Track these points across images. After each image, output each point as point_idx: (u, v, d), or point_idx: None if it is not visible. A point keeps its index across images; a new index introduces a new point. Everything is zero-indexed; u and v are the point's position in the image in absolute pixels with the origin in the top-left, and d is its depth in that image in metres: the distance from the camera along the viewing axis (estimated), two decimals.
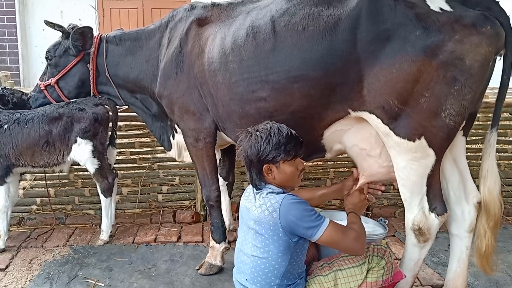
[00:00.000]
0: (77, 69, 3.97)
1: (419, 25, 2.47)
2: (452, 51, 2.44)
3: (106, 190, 4.23)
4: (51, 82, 4.00)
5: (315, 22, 2.73)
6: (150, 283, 3.53)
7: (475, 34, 2.43)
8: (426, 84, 2.50)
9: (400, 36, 2.50)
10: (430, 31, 2.45)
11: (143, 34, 3.81)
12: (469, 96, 2.51)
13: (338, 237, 2.38)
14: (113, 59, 3.89)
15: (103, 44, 3.90)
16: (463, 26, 2.43)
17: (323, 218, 2.38)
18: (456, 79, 2.46)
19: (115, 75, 3.91)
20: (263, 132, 2.47)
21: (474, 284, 3.44)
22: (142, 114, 4.11)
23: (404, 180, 2.74)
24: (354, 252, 2.49)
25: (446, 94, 2.49)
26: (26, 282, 3.56)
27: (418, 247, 2.83)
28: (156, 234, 4.47)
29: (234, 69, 3.05)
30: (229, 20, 3.25)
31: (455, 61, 2.45)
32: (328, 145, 3.08)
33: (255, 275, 2.47)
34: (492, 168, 2.74)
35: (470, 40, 2.43)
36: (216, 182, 3.67)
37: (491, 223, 2.77)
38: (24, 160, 4.01)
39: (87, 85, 4.00)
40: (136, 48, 3.81)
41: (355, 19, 2.61)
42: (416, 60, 2.47)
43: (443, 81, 2.48)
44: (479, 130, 4.80)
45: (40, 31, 9.87)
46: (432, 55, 2.45)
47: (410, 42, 2.48)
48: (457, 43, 2.43)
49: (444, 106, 2.51)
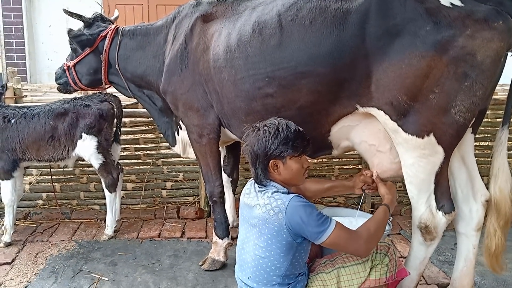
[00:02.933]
0: (91, 57, 4.01)
1: (429, 20, 2.43)
2: (463, 47, 2.39)
3: (111, 185, 4.24)
4: (70, 64, 4.07)
5: (323, 16, 2.69)
6: (154, 278, 3.53)
7: (487, 29, 2.38)
8: (436, 80, 2.46)
9: (410, 31, 2.46)
10: (440, 26, 2.41)
11: (152, 29, 3.82)
12: (480, 92, 2.46)
13: (342, 241, 2.34)
14: (124, 52, 3.90)
15: (118, 36, 3.92)
16: (475, 21, 2.39)
17: (329, 222, 2.32)
18: (467, 75, 2.42)
19: (124, 68, 3.92)
20: (271, 127, 2.43)
21: (481, 284, 3.41)
22: (149, 109, 4.12)
23: (412, 177, 2.70)
24: (357, 255, 2.47)
25: (456, 90, 2.45)
26: (31, 275, 3.58)
27: (425, 245, 2.80)
28: (160, 229, 4.47)
29: (239, 66, 3.02)
30: (234, 16, 3.22)
31: (466, 56, 2.40)
32: (335, 142, 3.05)
33: (257, 273, 2.45)
34: (503, 166, 2.70)
35: (482, 35, 2.38)
36: (220, 178, 3.66)
37: (501, 222, 2.73)
38: (30, 154, 4.04)
39: (99, 74, 4.04)
40: (146, 43, 3.82)
41: (364, 13, 2.57)
42: (426, 55, 2.43)
43: (454, 77, 2.43)
44: (488, 127, 4.76)
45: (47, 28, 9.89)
46: (442, 51, 2.41)
47: (420, 37, 2.44)
48: (468, 39, 2.39)
49: (454, 103, 2.47)
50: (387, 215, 2.55)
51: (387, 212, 2.55)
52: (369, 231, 2.40)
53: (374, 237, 2.41)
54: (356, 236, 2.36)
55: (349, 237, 2.35)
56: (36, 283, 3.46)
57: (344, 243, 2.34)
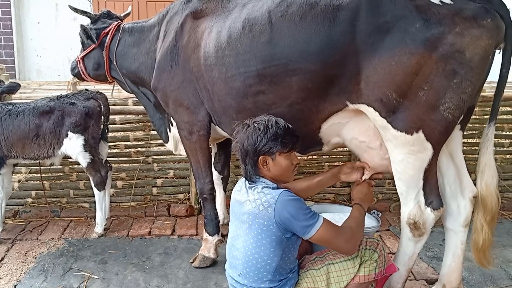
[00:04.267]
0: (95, 53, 4.08)
1: (419, 17, 2.44)
2: (452, 44, 2.41)
3: (99, 183, 4.22)
4: (79, 57, 4.17)
5: (313, 12, 2.69)
6: (144, 276, 3.53)
7: (476, 27, 2.40)
8: (425, 77, 2.47)
9: (400, 28, 2.47)
10: (430, 24, 2.42)
11: (146, 26, 3.85)
12: (468, 90, 2.48)
13: (330, 237, 2.37)
14: (122, 49, 3.94)
15: (118, 33, 3.96)
16: (464, 18, 2.40)
17: (317, 217, 2.36)
18: (455, 72, 2.44)
19: (121, 64, 3.96)
20: (261, 123, 2.46)
21: (468, 279, 3.45)
22: (145, 105, 4.14)
23: (401, 173, 2.72)
24: (344, 253, 2.49)
25: (445, 87, 2.46)
26: (21, 274, 3.56)
27: (413, 241, 2.83)
28: (150, 227, 4.46)
29: (230, 64, 3.01)
30: (224, 13, 3.20)
31: (455, 54, 2.42)
32: (325, 138, 3.06)
33: (247, 270, 2.45)
34: (489, 162, 2.72)
35: (471, 33, 2.40)
36: (210, 175, 3.66)
37: (488, 217, 2.76)
38: (15, 152, 4.01)
39: (102, 68, 4.09)
40: (140, 40, 3.85)
41: (354, 10, 2.57)
42: (416, 52, 2.44)
43: (443, 74, 2.45)
44: (475, 124, 4.80)
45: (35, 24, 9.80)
46: (432, 48, 2.42)
47: (410, 34, 2.45)
48: (457, 36, 2.40)
49: (443, 100, 2.49)
50: (362, 212, 2.63)
51: (360, 209, 2.64)
52: (352, 228, 2.46)
53: (357, 233, 2.49)
54: (342, 233, 2.41)
55: (336, 233, 2.39)
56: (26, 282, 3.44)
57: (332, 238, 2.37)
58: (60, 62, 10.00)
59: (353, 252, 2.48)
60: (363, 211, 2.65)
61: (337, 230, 2.41)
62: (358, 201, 2.72)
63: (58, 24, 9.92)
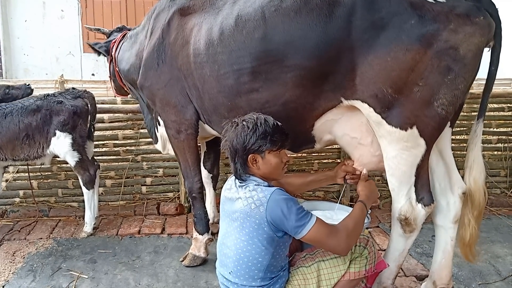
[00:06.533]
0: (112, 67, 4.20)
1: (414, 13, 2.45)
2: (446, 40, 2.42)
3: (88, 182, 4.20)
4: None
5: (308, 6, 2.66)
6: (134, 275, 3.51)
7: (469, 24, 2.42)
8: (420, 73, 2.48)
9: (395, 24, 2.47)
10: (425, 20, 2.43)
11: (138, 29, 3.87)
12: (461, 86, 2.50)
13: (322, 237, 2.34)
14: (121, 54, 4.01)
15: (122, 40, 4.07)
16: (457, 15, 2.42)
17: (309, 217, 2.33)
18: (450, 69, 2.45)
19: (120, 69, 4.02)
20: (250, 122, 2.44)
21: (457, 275, 3.47)
22: (142, 107, 4.17)
23: (394, 169, 2.73)
24: (337, 253, 2.47)
25: (439, 83, 2.48)
26: (9, 274, 3.52)
27: (404, 237, 2.83)
28: (140, 226, 4.44)
29: (223, 61, 2.97)
30: (214, 10, 3.15)
31: (449, 50, 2.43)
32: (318, 136, 3.05)
33: (238, 268, 2.45)
34: (478, 158, 2.76)
35: (464, 30, 2.42)
36: (199, 174, 3.65)
37: (475, 213, 2.79)
38: (4, 154, 3.97)
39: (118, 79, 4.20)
40: (133, 43, 3.88)
41: (350, 6, 2.57)
42: (411, 48, 2.45)
43: (437, 70, 2.46)
44: (463, 121, 4.84)
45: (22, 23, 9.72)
46: (427, 44, 2.44)
47: (405, 30, 2.45)
48: (451, 33, 2.42)
49: (437, 96, 2.50)
50: (364, 211, 2.57)
51: (363, 208, 2.57)
52: (348, 229, 2.41)
53: (353, 234, 2.42)
54: (336, 233, 2.37)
55: (329, 233, 2.35)
56: (14, 282, 3.41)
57: (324, 239, 2.34)
58: (48, 61, 9.93)
59: (346, 253, 2.44)
60: (365, 210, 2.59)
61: (330, 231, 2.37)
62: (363, 198, 2.66)
63: (46, 23, 9.85)
